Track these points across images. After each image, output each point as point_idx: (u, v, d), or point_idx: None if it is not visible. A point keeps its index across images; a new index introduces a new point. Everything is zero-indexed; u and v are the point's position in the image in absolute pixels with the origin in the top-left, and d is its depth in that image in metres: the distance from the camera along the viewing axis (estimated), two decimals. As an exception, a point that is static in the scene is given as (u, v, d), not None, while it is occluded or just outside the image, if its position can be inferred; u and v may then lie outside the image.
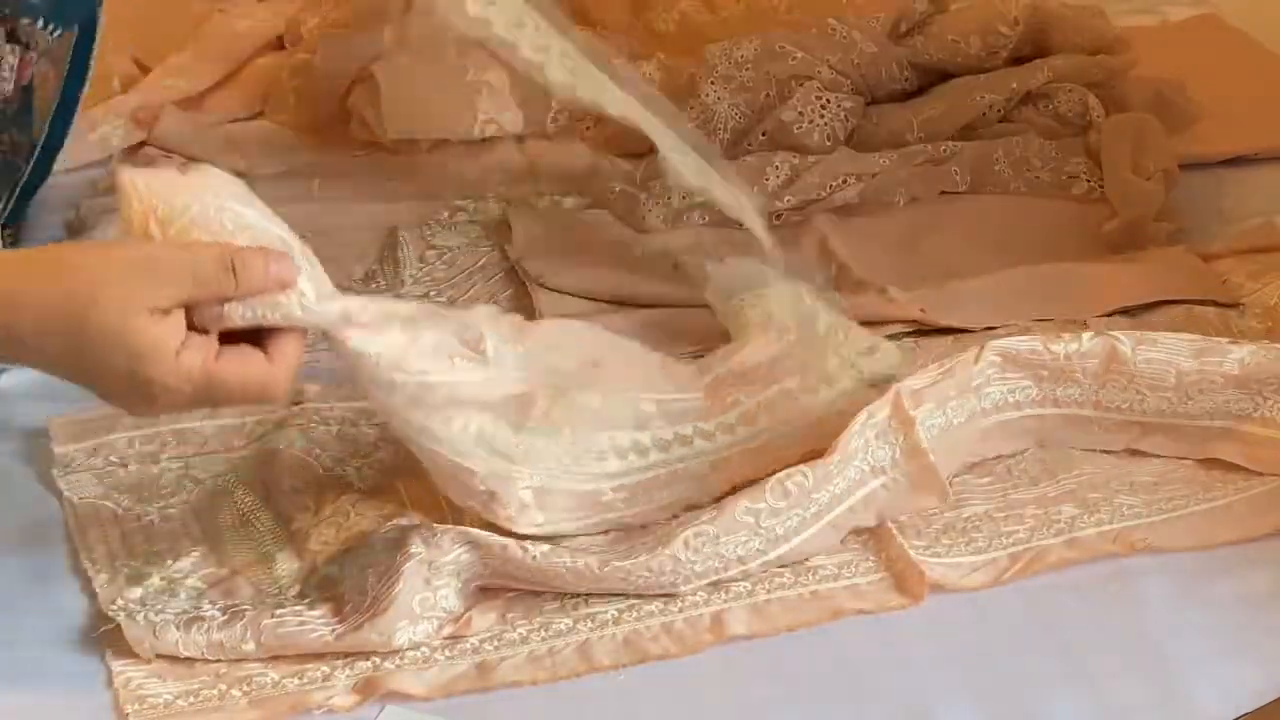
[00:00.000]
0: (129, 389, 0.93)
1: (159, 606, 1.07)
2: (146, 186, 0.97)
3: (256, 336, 0.98)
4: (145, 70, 1.73)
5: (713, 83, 1.63)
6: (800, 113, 1.60)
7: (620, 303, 1.41)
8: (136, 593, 1.09)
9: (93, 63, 1.36)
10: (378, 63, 1.63)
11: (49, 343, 0.91)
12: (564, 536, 1.10)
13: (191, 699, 1.01)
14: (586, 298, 1.42)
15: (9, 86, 1.26)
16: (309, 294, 0.99)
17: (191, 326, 0.94)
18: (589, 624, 1.07)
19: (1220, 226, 1.53)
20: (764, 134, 1.61)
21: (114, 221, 1.47)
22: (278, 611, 1.05)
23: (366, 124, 1.64)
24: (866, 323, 1.36)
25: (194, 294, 0.93)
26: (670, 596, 1.08)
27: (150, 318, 0.91)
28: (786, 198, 1.53)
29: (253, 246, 0.97)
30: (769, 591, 1.09)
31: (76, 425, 1.24)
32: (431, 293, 1.43)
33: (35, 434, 1.24)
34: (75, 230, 1.50)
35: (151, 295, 0.91)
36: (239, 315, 0.96)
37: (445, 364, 1.06)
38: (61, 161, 1.59)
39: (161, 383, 0.92)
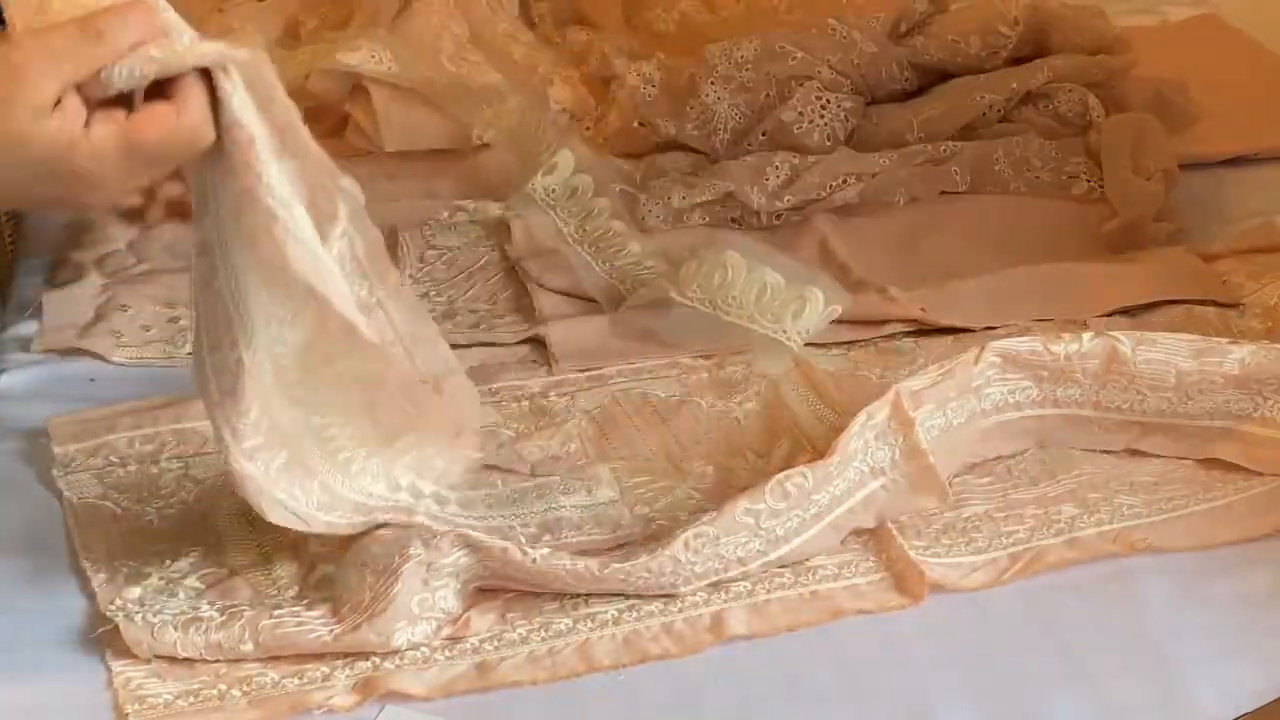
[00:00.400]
0: (68, 191, 0.93)
1: (157, 607, 1.07)
2: None
3: (165, 93, 0.93)
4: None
5: (713, 83, 1.63)
6: (800, 113, 1.60)
7: (620, 304, 1.41)
8: (135, 592, 1.08)
9: None
10: (371, 78, 1.63)
11: None
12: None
13: (191, 699, 1.01)
14: (586, 298, 1.42)
15: None
16: (182, 36, 0.93)
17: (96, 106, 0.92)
18: (589, 624, 1.07)
19: (1220, 226, 1.53)
20: (764, 134, 1.61)
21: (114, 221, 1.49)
22: (276, 612, 1.05)
23: (363, 132, 1.64)
24: (866, 322, 1.36)
25: (66, 75, 0.90)
26: (670, 597, 1.08)
27: (41, 120, 0.89)
28: (786, 198, 1.53)
29: (112, 4, 0.91)
30: (769, 591, 1.09)
31: (76, 425, 1.24)
32: (431, 292, 1.42)
33: (35, 434, 1.24)
34: (76, 227, 1.50)
35: (30, 100, 0.89)
36: (118, 78, 0.91)
37: (291, 207, 0.96)
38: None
39: (86, 167, 0.91)
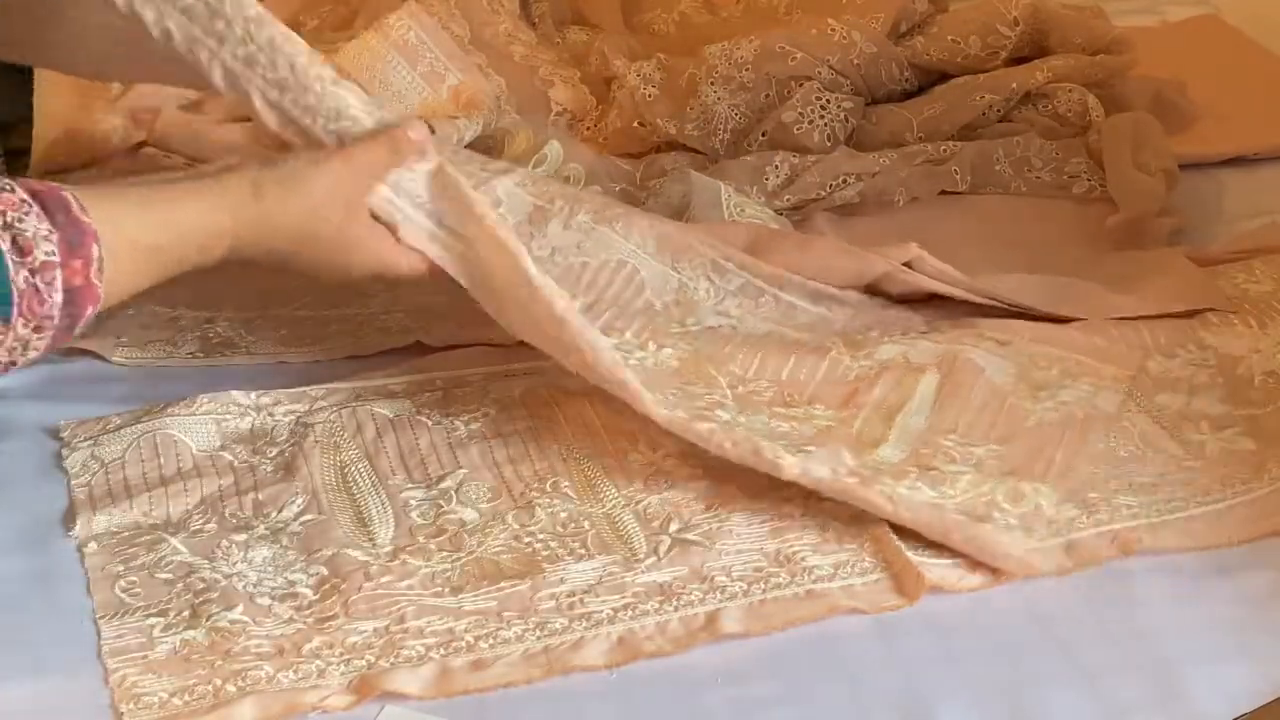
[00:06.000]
0: (337, 271, 1.16)
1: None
2: None
3: None
4: (145, 70, 1.73)
5: (713, 83, 1.63)
6: (800, 113, 1.60)
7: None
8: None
9: None
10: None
11: (287, 247, 1.12)
12: None
13: (186, 696, 1.01)
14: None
15: None
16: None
17: None
18: (584, 623, 1.07)
19: (1220, 226, 1.53)
20: (764, 134, 1.61)
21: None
22: None
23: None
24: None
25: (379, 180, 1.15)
26: (666, 596, 1.08)
27: (359, 217, 1.14)
28: (786, 197, 1.53)
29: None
30: (764, 591, 1.09)
31: (85, 426, 1.25)
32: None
33: (37, 434, 1.25)
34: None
35: (357, 198, 1.14)
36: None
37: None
38: (62, 161, 1.60)
39: (361, 264, 1.15)
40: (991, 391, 1.25)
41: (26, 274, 0.97)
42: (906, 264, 1.36)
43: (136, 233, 1.05)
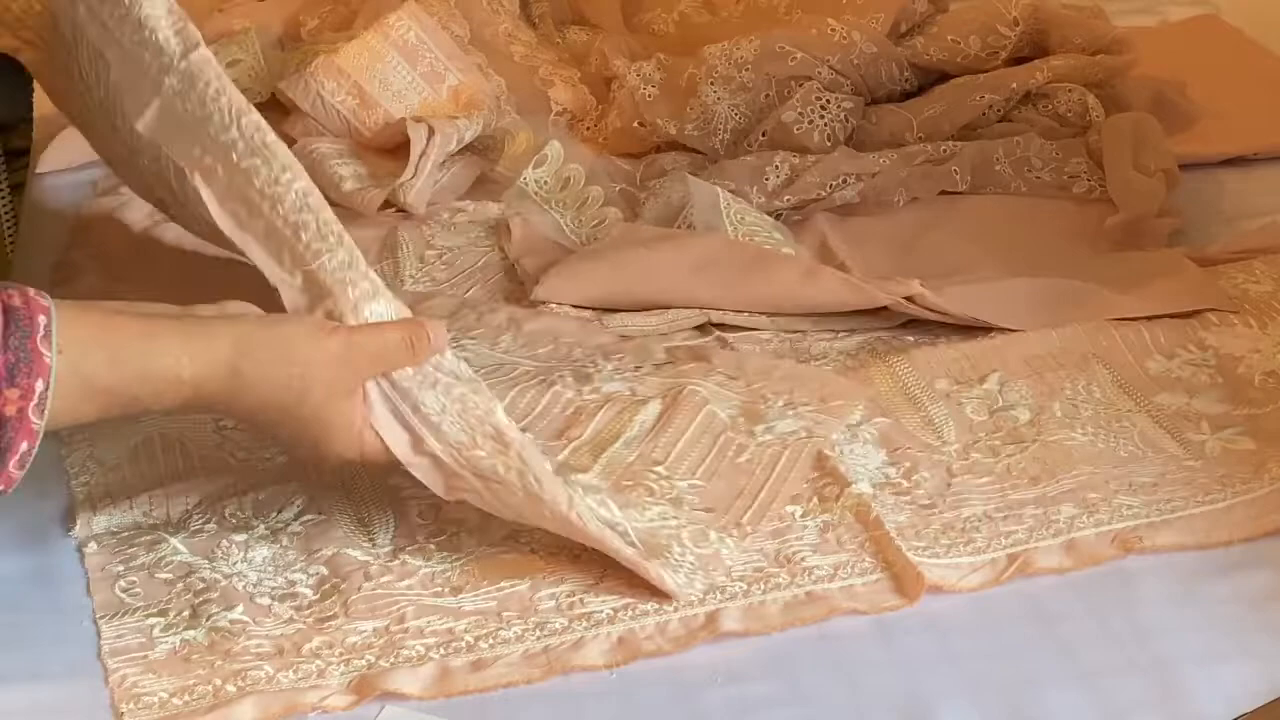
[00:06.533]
0: (310, 450, 1.08)
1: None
2: None
3: None
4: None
5: (712, 83, 1.63)
6: (800, 113, 1.60)
7: (616, 307, 1.40)
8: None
9: None
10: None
11: (260, 413, 1.04)
12: None
13: (187, 697, 1.02)
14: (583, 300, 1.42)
15: None
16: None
17: None
18: (584, 623, 1.07)
19: (1220, 227, 1.53)
20: (764, 134, 1.61)
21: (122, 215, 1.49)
22: None
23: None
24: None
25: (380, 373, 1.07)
26: (666, 596, 1.08)
27: (345, 401, 1.05)
28: (786, 197, 1.53)
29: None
30: (764, 592, 1.09)
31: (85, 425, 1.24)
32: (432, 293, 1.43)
33: (35, 434, 1.24)
34: (76, 227, 1.50)
35: (348, 384, 1.05)
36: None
37: None
38: (62, 161, 1.60)
39: (338, 452, 1.07)
40: (708, 424, 1.22)
41: None
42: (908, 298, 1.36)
43: (95, 371, 0.98)
